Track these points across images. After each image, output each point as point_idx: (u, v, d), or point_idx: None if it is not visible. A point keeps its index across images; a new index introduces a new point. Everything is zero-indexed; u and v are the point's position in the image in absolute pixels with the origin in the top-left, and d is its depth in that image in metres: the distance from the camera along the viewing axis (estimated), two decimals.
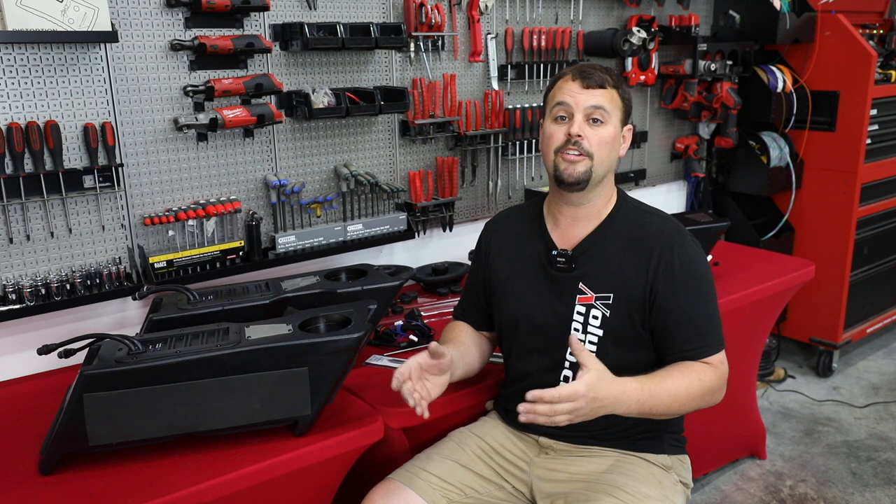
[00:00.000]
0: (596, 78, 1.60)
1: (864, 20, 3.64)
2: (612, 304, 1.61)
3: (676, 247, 1.61)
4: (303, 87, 2.28)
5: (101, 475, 1.44)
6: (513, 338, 1.73)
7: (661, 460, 1.67)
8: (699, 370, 1.57)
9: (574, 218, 1.68)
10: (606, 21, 3.11)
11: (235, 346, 1.47)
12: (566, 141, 1.59)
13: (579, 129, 1.58)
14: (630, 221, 1.67)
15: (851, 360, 3.79)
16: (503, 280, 1.74)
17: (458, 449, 1.70)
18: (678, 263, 1.59)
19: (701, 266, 1.64)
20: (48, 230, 1.95)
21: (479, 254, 1.83)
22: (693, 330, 1.59)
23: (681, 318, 1.59)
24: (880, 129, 3.47)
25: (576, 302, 1.64)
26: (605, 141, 1.60)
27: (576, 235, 1.68)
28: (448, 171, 2.65)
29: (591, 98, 1.59)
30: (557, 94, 1.63)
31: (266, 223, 2.32)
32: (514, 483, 1.69)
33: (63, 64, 1.90)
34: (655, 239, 1.62)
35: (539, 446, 1.72)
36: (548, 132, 1.64)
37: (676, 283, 1.59)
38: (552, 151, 1.62)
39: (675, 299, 1.59)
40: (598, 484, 1.58)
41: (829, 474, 2.81)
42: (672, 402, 1.52)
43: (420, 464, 1.65)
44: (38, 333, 1.99)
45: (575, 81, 1.61)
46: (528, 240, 1.74)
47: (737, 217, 3.62)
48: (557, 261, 1.66)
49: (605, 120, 1.60)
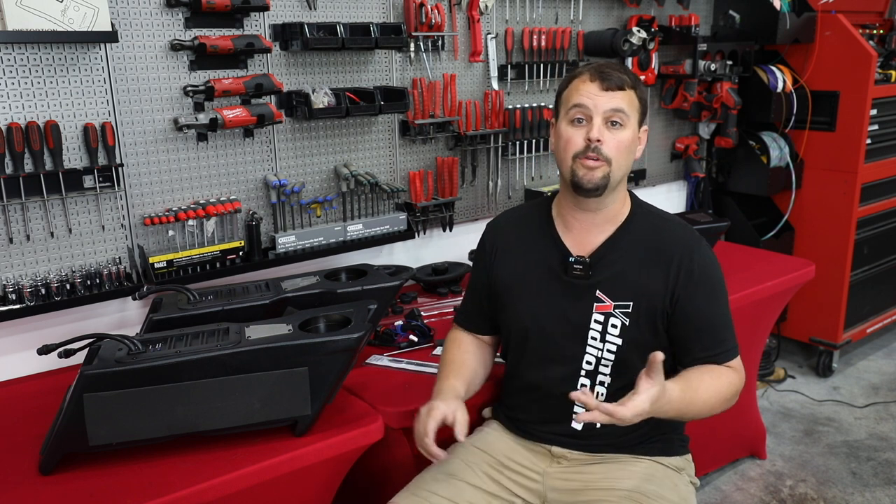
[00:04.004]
0: (615, 79, 1.53)
1: (864, 20, 3.64)
2: (632, 312, 1.58)
3: (696, 253, 1.59)
4: (303, 87, 2.28)
5: (101, 475, 1.44)
6: (523, 346, 1.68)
7: (674, 462, 1.66)
8: (727, 374, 1.56)
9: (589, 223, 1.62)
10: (606, 21, 3.11)
11: (235, 346, 1.47)
12: (586, 146, 1.53)
13: (599, 133, 1.52)
14: (646, 227, 1.63)
15: (851, 360, 3.79)
16: (510, 285, 1.69)
17: (463, 467, 1.64)
18: (698, 270, 1.57)
19: (718, 271, 1.62)
20: (48, 230, 1.95)
21: (483, 256, 1.76)
22: (714, 336, 1.58)
23: (702, 325, 1.57)
24: (880, 129, 3.47)
25: (593, 310, 1.60)
26: (624, 145, 1.55)
27: (590, 241, 1.62)
28: (448, 171, 2.66)
29: (611, 101, 1.53)
30: (574, 94, 1.55)
31: (266, 223, 2.32)
32: (525, 496, 1.65)
33: (63, 64, 1.90)
34: (674, 245, 1.59)
35: (552, 456, 1.67)
36: (565, 136, 1.57)
37: (697, 290, 1.57)
38: (570, 157, 1.55)
39: (696, 305, 1.57)
40: (617, 491, 1.56)
41: (829, 474, 2.81)
42: (704, 406, 1.51)
43: (426, 486, 1.59)
44: (38, 333, 1.99)
45: (594, 82, 1.53)
46: (538, 244, 1.67)
47: (737, 217, 3.62)
48: (574, 268, 1.60)
49: (625, 123, 1.54)
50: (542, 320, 1.64)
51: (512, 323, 1.69)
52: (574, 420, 1.62)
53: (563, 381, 1.63)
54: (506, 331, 1.73)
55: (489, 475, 1.64)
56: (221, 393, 1.47)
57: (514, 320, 1.69)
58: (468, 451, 1.68)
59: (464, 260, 2.71)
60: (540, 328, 1.64)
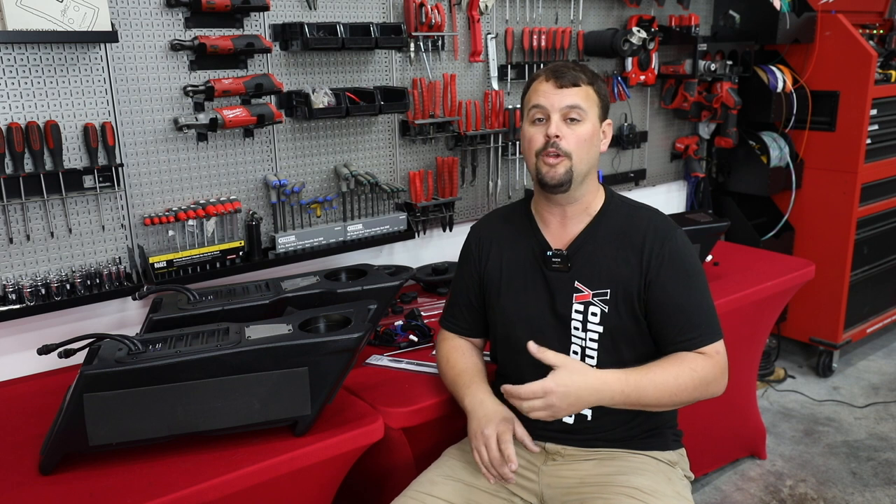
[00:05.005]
0: (569, 77, 1.60)
1: (864, 20, 3.65)
2: (610, 299, 1.62)
3: (666, 240, 1.62)
4: (303, 87, 2.28)
5: (101, 475, 1.44)
6: (509, 340, 1.71)
7: (668, 457, 1.67)
8: (691, 360, 1.57)
9: (563, 217, 1.68)
10: (606, 21, 3.11)
11: (235, 346, 1.47)
12: (546, 143, 1.60)
13: (557, 129, 1.59)
14: (620, 217, 1.68)
15: (851, 360, 3.79)
16: (496, 282, 1.73)
17: (460, 468, 1.66)
18: (668, 255, 1.61)
19: (691, 257, 1.65)
20: (48, 230, 1.95)
21: (470, 257, 1.80)
22: (686, 320, 1.59)
23: (673, 309, 1.60)
24: (880, 129, 3.47)
25: (573, 301, 1.64)
26: (584, 139, 1.61)
27: (567, 234, 1.68)
28: (448, 171, 2.66)
29: (566, 98, 1.60)
30: (533, 96, 1.64)
31: (266, 223, 2.32)
32: (522, 495, 1.66)
33: (63, 64, 1.90)
34: (646, 232, 1.63)
35: (546, 453, 1.68)
36: (527, 135, 1.65)
37: (667, 275, 1.60)
38: (533, 154, 1.63)
39: (666, 291, 1.59)
40: (613, 486, 1.57)
41: (829, 474, 2.81)
42: (662, 393, 1.52)
43: (423, 488, 1.60)
44: (38, 333, 1.99)
45: (549, 82, 1.62)
46: (520, 241, 1.73)
47: (737, 217, 3.62)
48: (553, 261, 1.66)
49: (582, 118, 1.60)
50: (528, 314, 1.68)
51: (499, 317, 1.73)
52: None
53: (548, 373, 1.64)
54: (494, 328, 1.77)
55: None
56: (221, 393, 1.47)
57: (500, 314, 1.72)
58: (464, 452, 1.69)
59: None
60: (526, 322, 1.68)
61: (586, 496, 1.58)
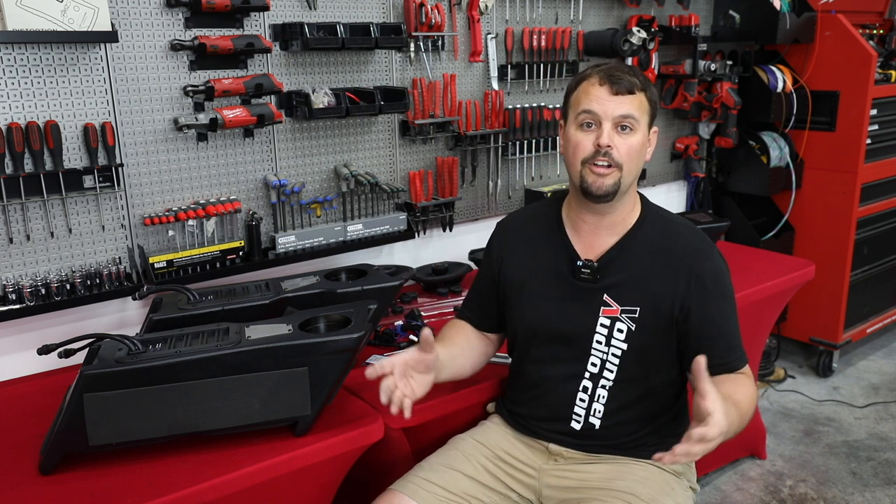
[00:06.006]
0: (625, 83, 1.50)
1: (864, 20, 3.64)
2: (639, 318, 1.57)
3: (707, 260, 1.57)
4: (303, 87, 2.28)
5: (101, 475, 1.44)
6: (529, 345, 1.68)
7: (674, 466, 1.65)
8: (743, 383, 1.53)
9: (597, 226, 1.61)
10: (606, 21, 3.11)
11: (235, 346, 1.47)
12: (595, 152, 1.51)
13: (609, 139, 1.50)
14: (656, 231, 1.61)
15: (851, 360, 3.79)
16: (518, 286, 1.68)
17: (461, 458, 1.66)
18: (710, 278, 1.56)
19: (728, 277, 1.61)
20: (48, 230, 1.95)
21: (491, 256, 1.76)
22: (726, 343, 1.56)
23: (715, 332, 1.56)
24: (880, 129, 3.47)
25: (600, 314, 1.59)
26: (635, 150, 1.52)
27: (600, 245, 1.61)
28: (448, 171, 2.66)
29: (621, 106, 1.50)
30: (583, 99, 1.53)
31: (266, 223, 2.32)
32: (520, 491, 1.66)
33: (63, 64, 1.90)
34: (685, 251, 1.58)
35: (549, 453, 1.68)
36: (573, 140, 1.55)
37: (709, 297, 1.55)
38: (579, 162, 1.53)
39: (708, 315, 1.55)
40: (612, 491, 1.55)
41: (829, 474, 2.81)
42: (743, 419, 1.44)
43: (423, 474, 1.61)
44: (38, 333, 1.99)
45: (603, 86, 1.51)
46: (547, 246, 1.67)
47: (737, 217, 3.62)
48: (582, 271, 1.59)
49: (635, 128, 1.52)
50: (550, 321, 1.63)
51: (518, 323, 1.70)
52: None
53: (567, 381, 1.64)
54: (512, 329, 1.74)
55: (486, 468, 1.66)
56: (221, 393, 1.47)
57: (520, 319, 1.69)
58: (468, 443, 1.70)
59: (464, 260, 2.71)
60: (546, 329, 1.64)
61: (584, 499, 1.57)
